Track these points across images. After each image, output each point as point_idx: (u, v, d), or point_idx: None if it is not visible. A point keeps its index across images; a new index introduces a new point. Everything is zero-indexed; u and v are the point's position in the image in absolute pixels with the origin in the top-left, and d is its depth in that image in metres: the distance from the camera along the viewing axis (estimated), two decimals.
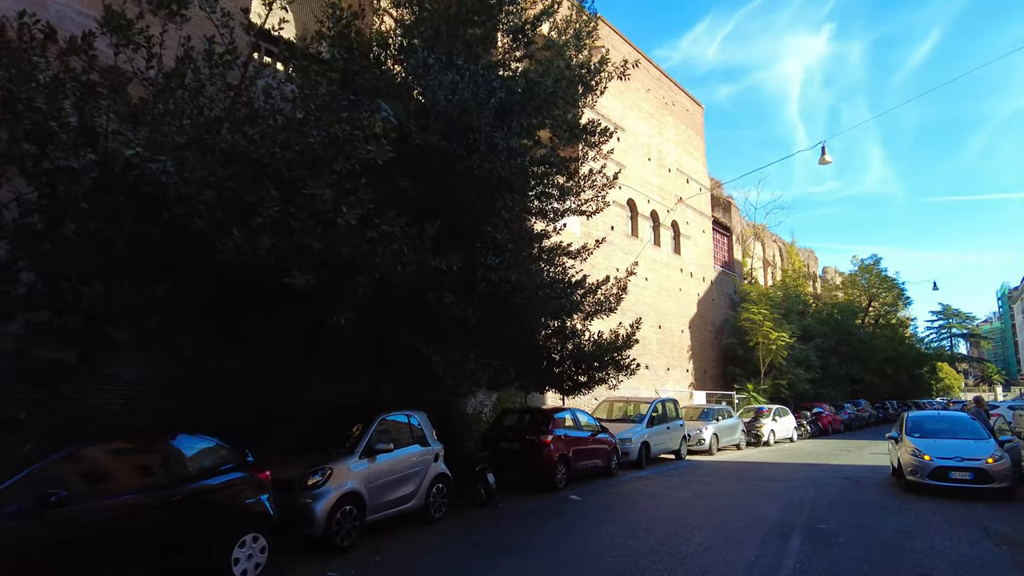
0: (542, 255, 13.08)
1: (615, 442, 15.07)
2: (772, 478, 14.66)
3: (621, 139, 26.23)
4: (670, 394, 27.22)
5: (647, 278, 27.20)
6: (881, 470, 15.51)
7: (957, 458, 11.77)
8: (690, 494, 12.36)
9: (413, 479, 9.07)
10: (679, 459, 18.60)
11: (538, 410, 14.23)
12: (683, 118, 31.87)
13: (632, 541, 8.40)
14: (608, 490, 12.92)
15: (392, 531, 8.76)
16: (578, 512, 10.48)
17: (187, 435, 6.48)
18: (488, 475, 10.65)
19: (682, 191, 30.52)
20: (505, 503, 11.07)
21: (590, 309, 14.27)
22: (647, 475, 15.17)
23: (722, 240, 35.65)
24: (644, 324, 27.12)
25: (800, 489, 12.85)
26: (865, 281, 46.04)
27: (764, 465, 17.68)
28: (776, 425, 24.60)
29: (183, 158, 6.38)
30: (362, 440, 8.35)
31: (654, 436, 17.22)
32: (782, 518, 9.88)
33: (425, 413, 9.83)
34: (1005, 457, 11.86)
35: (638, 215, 27.12)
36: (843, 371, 36.00)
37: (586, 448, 13.77)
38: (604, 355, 13.55)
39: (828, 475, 15.12)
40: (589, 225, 23.64)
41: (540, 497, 11.77)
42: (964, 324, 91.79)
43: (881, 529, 9.15)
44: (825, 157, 22.38)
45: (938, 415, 14.55)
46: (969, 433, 12.76)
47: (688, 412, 22.37)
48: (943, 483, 11.70)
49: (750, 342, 29.78)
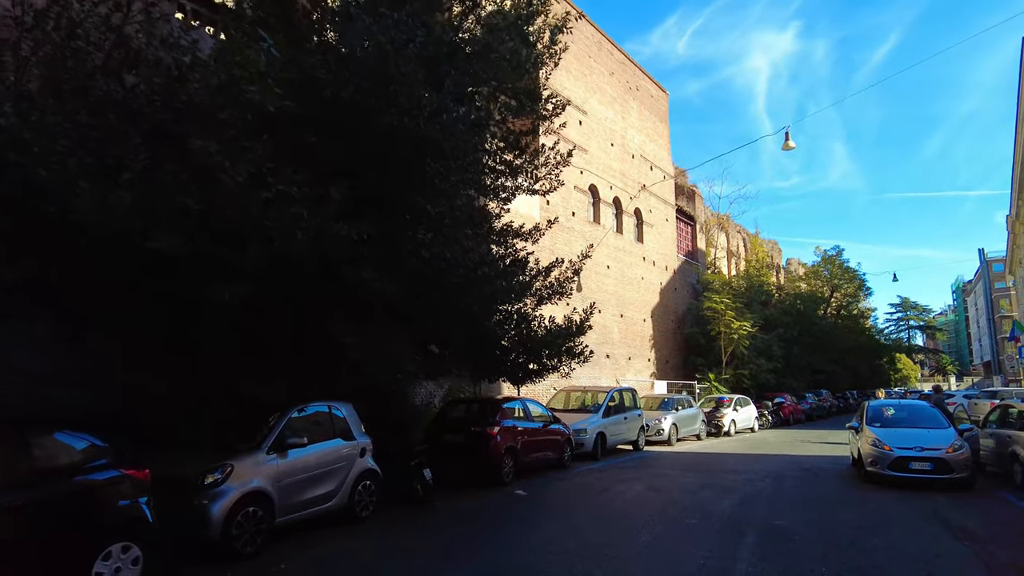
0: (491, 235, 12.26)
1: (569, 433, 14.36)
2: (730, 470, 14.13)
3: (583, 123, 25.56)
4: (631, 384, 26.71)
5: (609, 266, 26.61)
6: (841, 460, 15.12)
7: (917, 448, 11.33)
8: (643, 488, 11.71)
9: (334, 476, 8.19)
10: (637, 450, 18.02)
11: (486, 400, 13.44)
12: (647, 104, 31.27)
13: (573, 542, 7.67)
14: (558, 484, 12.20)
15: (309, 534, 7.88)
16: (521, 509, 9.72)
17: (43, 429, 5.50)
18: (424, 470, 9.82)
19: (646, 178, 29.97)
20: (445, 500, 10.26)
21: (543, 293, 13.51)
22: (602, 467, 14.51)
23: (686, 229, 35.26)
24: (606, 313, 26.61)
25: (758, 482, 12.31)
26: (828, 272, 46.34)
27: (723, 456, 17.19)
28: (737, 415, 24.25)
29: (40, 104, 5.37)
30: (271, 434, 7.44)
31: (610, 426, 16.57)
32: (737, 514, 9.26)
33: (352, 404, 8.94)
34: (965, 446, 11.48)
35: (600, 201, 26.45)
36: (805, 361, 36.03)
37: (537, 440, 13.03)
38: (556, 342, 12.80)
39: (788, 466, 14.65)
40: (549, 210, 22.88)
41: (484, 493, 11.00)
42: (921, 316, 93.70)
43: (839, 525, 8.59)
44: (788, 143, 21.95)
45: (899, 404, 14.17)
46: (930, 422, 12.36)
47: (648, 402, 21.84)
48: (903, 474, 11.25)
49: (712, 331, 29.42)
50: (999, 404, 13.48)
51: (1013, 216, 51.12)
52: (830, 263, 45.56)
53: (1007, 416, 12.66)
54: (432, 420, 12.87)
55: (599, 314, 25.71)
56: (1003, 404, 13.18)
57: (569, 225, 24.08)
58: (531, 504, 10.16)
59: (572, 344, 13.25)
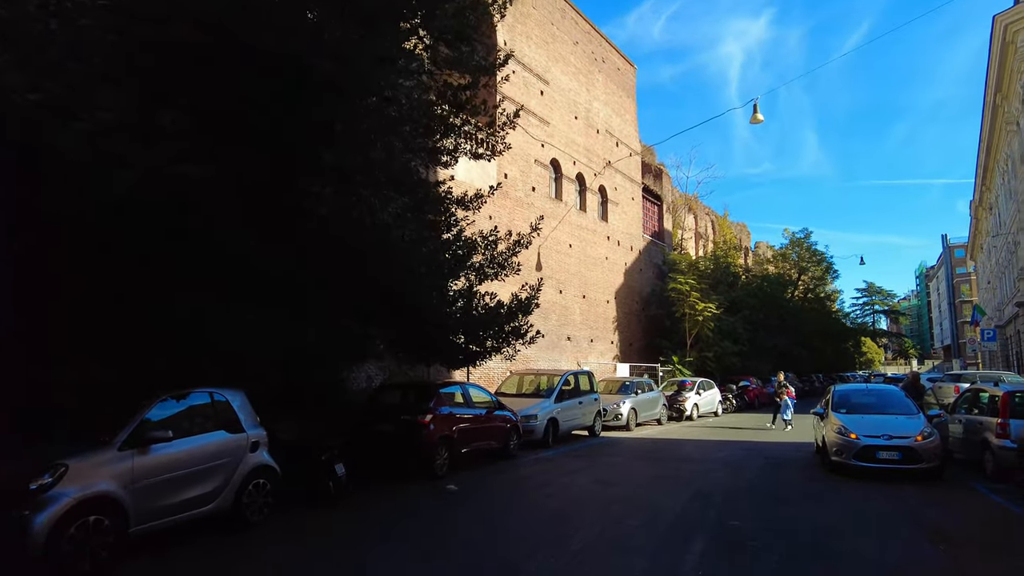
0: (427, 203, 11.00)
1: (516, 419, 13.26)
2: (688, 458, 13.18)
3: (545, 93, 24.28)
4: (593, 367, 25.78)
5: (571, 245, 25.50)
6: (805, 447, 14.31)
7: (885, 436, 10.46)
8: (590, 480, 10.67)
9: (215, 474, 6.94)
10: (593, 436, 17.04)
11: (421, 385, 12.22)
12: (614, 77, 30.05)
13: (492, 549, 6.56)
14: (498, 477, 11.10)
15: (182, 542, 6.64)
16: (447, 509, 8.58)
17: None
18: (336, 466, 8.61)
19: (611, 155, 28.85)
20: (365, 497, 9.09)
21: (487, 270, 12.32)
22: (551, 456, 13.46)
23: (652, 209, 34.30)
24: (568, 293, 25.55)
25: (716, 472, 11.36)
26: (796, 255, 45.93)
27: (682, 443, 16.29)
28: (700, 399, 23.47)
29: None
30: (127, 426, 6.15)
31: (564, 412, 15.53)
32: (689, 512, 8.25)
33: (242, 391, 7.66)
34: (934, 434, 10.66)
35: (563, 177, 25.26)
36: (771, 344, 35.47)
37: (478, 427, 11.89)
38: (499, 322, 11.64)
39: (749, 454, 13.77)
40: (508, 184, 21.63)
41: (412, 488, 9.84)
42: (885, 301, 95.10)
43: (801, 526, 7.61)
44: (757, 115, 21.01)
45: (866, 388, 13.32)
46: (899, 408, 11.52)
47: (608, 385, 20.92)
48: (870, 464, 10.38)
49: (676, 313, 28.57)
50: (969, 388, 12.72)
51: (976, 202, 51.39)
52: (798, 245, 45.15)
53: (977, 401, 11.90)
54: (362, 408, 11.61)
55: (560, 295, 24.72)
56: (973, 388, 12.42)
57: (529, 201, 22.86)
58: (460, 502, 9.03)
59: (517, 324, 12.11)
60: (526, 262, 22.48)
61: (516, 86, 22.46)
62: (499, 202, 21.14)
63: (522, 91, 22.78)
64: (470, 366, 12.80)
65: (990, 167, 39.42)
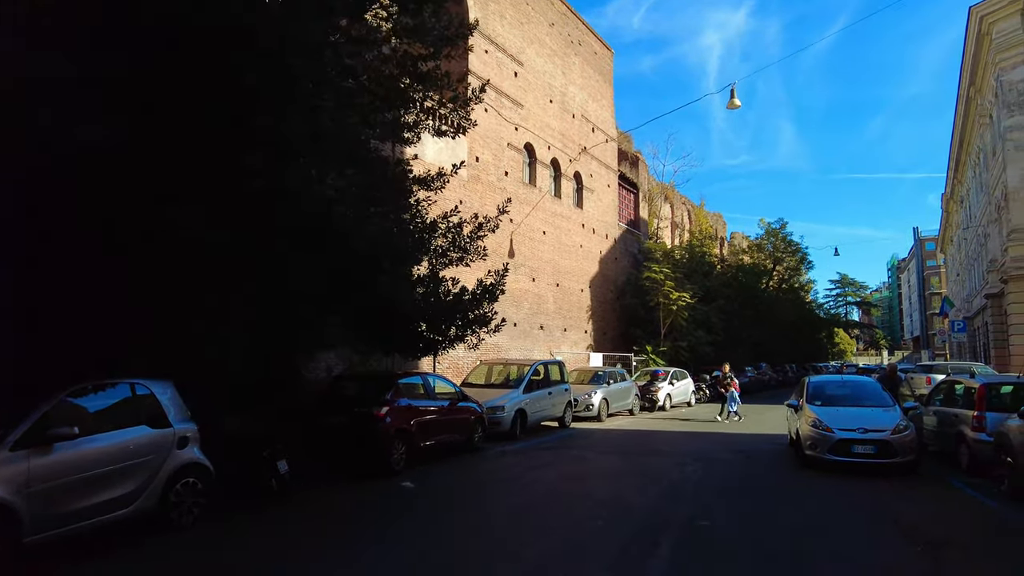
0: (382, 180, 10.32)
1: (481, 411, 12.71)
2: (658, 451, 12.75)
3: (519, 75, 23.58)
4: (566, 356, 25.34)
5: (545, 232, 24.93)
6: (779, 439, 13.97)
7: (860, 429, 10.09)
8: (555, 476, 10.17)
9: (135, 473, 6.25)
10: (563, 428, 16.56)
11: (379, 376, 11.56)
12: (591, 61, 29.43)
13: (438, 558, 5.99)
14: (460, 472, 10.53)
15: (96, 549, 5.96)
16: (397, 510, 7.99)
17: None
18: (279, 462, 7.98)
19: (587, 140, 28.28)
20: (312, 495, 8.47)
21: (451, 255, 11.70)
22: (518, 448, 12.93)
23: (628, 197, 33.86)
24: (541, 281, 25.01)
25: (686, 466, 10.92)
26: (771, 245, 45.89)
27: (654, 435, 15.88)
28: (673, 389, 23.15)
29: None
30: (21, 424, 5.44)
31: (533, 403, 15.01)
32: (656, 511, 7.77)
33: (171, 382, 6.96)
34: (910, 427, 10.31)
35: (537, 162, 24.63)
36: (745, 334, 35.37)
37: (439, 420, 11.31)
38: (462, 309, 11.04)
39: (721, 447, 13.38)
40: (479, 168, 20.96)
41: (365, 485, 9.24)
42: (858, 293, 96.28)
43: (774, 526, 7.18)
44: (734, 100, 20.50)
45: (842, 379, 12.98)
46: (874, 400, 11.17)
47: (580, 375, 20.47)
48: (845, 458, 10.01)
49: (651, 302, 28.19)
50: (944, 380, 12.43)
51: (947, 195, 51.90)
52: (773, 236, 45.07)
53: (952, 393, 11.60)
54: (317, 400, 10.93)
55: (533, 283, 24.16)
56: (949, 380, 12.13)
57: (501, 186, 22.21)
58: (413, 502, 8.44)
59: (483, 312, 11.52)
60: (498, 248, 21.91)
61: (489, 66, 21.76)
62: (470, 186, 20.49)
63: (495, 72, 22.07)
64: (433, 355, 12.20)
65: (962, 160, 39.68)
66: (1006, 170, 25.06)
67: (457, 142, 20.02)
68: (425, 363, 17.87)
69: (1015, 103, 24.95)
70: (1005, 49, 25.12)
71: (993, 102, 27.22)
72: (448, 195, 19.53)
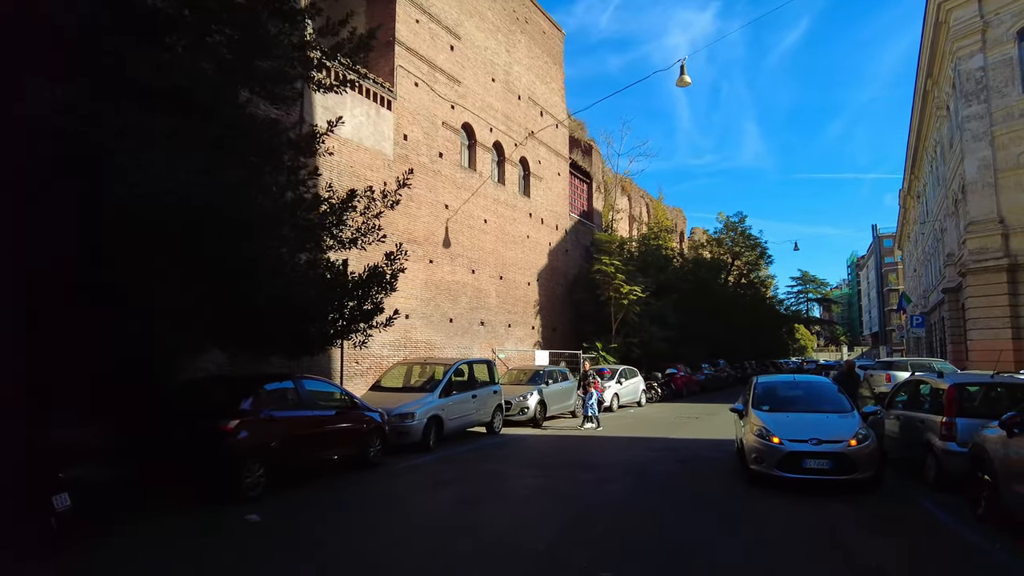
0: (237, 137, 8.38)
1: (381, 420, 10.83)
2: (586, 463, 11.05)
3: (456, 49, 21.68)
4: (512, 354, 23.63)
5: (487, 220, 23.11)
6: (726, 446, 12.40)
7: (813, 440, 8.50)
8: (450, 500, 8.36)
9: None
10: (492, 434, 14.79)
11: (237, 380, 9.47)
12: (539, 41, 27.69)
13: None
14: (333, 497, 8.60)
15: None
16: (212, 558, 6.08)
17: None
18: (57, 497, 6.00)
19: (535, 125, 26.51)
20: (106, 540, 6.51)
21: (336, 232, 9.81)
22: (424, 463, 11.11)
23: (581, 187, 32.24)
24: (482, 274, 23.18)
25: (613, 483, 9.24)
26: (730, 240, 44.87)
27: (589, 441, 14.22)
28: (621, 388, 21.57)
29: None
30: None
31: (452, 408, 13.18)
32: (552, 555, 6.01)
33: None
34: (870, 437, 8.75)
35: (477, 144, 22.78)
36: (703, 330, 34.07)
37: (319, 433, 9.39)
38: (340, 297, 9.15)
39: (661, 456, 11.76)
40: (407, 147, 19.03)
41: (196, 516, 7.32)
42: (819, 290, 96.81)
43: (705, 564, 5.50)
44: (684, 77, 18.95)
45: (793, 380, 11.34)
46: (830, 404, 9.64)
47: (518, 374, 18.74)
48: (795, 475, 8.42)
49: (601, 296, 26.61)
50: (908, 380, 10.97)
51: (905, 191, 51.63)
52: (732, 229, 44.04)
53: (917, 395, 10.15)
54: (155, 410, 8.83)
55: (472, 275, 22.28)
56: (913, 380, 10.67)
57: (435, 168, 20.32)
58: (244, 544, 6.52)
59: (372, 303, 9.66)
60: (431, 237, 20.01)
61: (420, 38, 19.85)
62: (397, 167, 18.55)
63: (427, 44, 20.17)
64: (308, 355, 10.27)
65: (919, 155, 39.19)
66: (964, 161, 24.13)
67: (381, 117, 18.11)
68: (336, 363, 15.92)
69: (972, 92, 24.00)
70: (963, 36, 24.17)
71: (951, 93, 26.36)
72: (371, 176, 17.61)
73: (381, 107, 18.16)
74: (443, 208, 20.68)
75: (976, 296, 23.02)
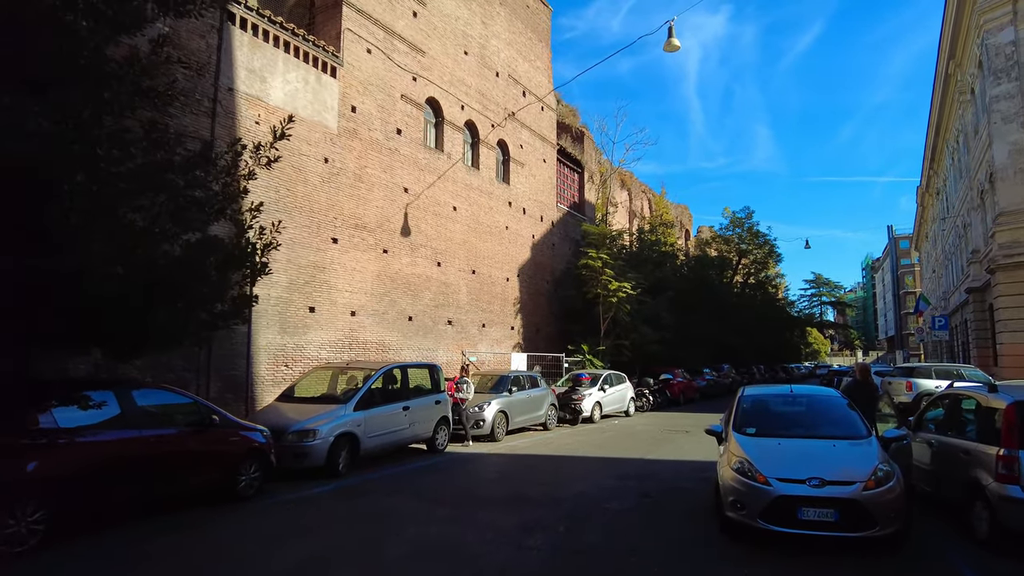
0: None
1: (255, 439, 8.45)
2: (521, 497, 8.56)
3: (419, 15, 19.29)
4: (486, 357, 21.18)
5: (456, 207, 20.71)
6: (710, 469, 9.88)
7: (813, 480, 5.98)
8: (295, 560, 5.94)
9: None
10: (433, 452, 12.38)
11: (12, 388, 7.12)
12: (522, 15, 25.30)
13: None
14: (140, 547, 6.24)
15: None
16: None
17: None
18: None
19: (516, 105, 24.08)
20: None
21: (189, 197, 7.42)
22: (322, 493, 8.71)
23: (571, 176, 29.76)
24: (449, 267, 20.69)
25: (536, 535, 6.76)
26: (737, 236, 42.17)
27: (545, 463, 11.75)
28: (605, 397, 19.05)
29: None
30: None
31: (374, 421, 10.75)
32: None
33: None
34: (895, 475, 6.16)
35: (445, 122, 20.39)
36: (705, 332, 31.38)
37: (151, 457, 6.99)
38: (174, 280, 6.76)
39: (622, 487, 9.28)
40: (355, 120, 16.66)
41: None
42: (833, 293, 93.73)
43: None
44: (672, 40, 16.49)
45: (790, 392, 8.58)
46: (838, 427, 7.11)
47: (483, 381, 16.29)
48: (787, 529, 5.92)
49: (587, 294, 24.11)
50: (945, 393, 8.37)
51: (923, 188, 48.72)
52: (738, 226, 41.32)
53: (958, 414, 7.62)
54: None
55: (437, 268, 19.81)
56: (952, 393, 8.09)
57: (392, 146, 17.96)
58: None
59: (222, 286, 7.27)
60: (386, 223, 17.66)
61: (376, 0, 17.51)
62: (343, 142, 16.22)
63: (384, 7, 17.84)
64: (135, 358, 7.87)
65: (939, 148, 36.59)
66: (991, 146, 21.52)
67: (323, 85, 15.77)
68: (257, 368, 13.58)
69: (1002, 69, 21.38)
70: (991, 8, 21.57)
71: (976, 73, 23.76)
72: (307, 150, 15.29)
73: (323, 73, 15.83)
74: (402, 191, 18.31)
75: (1007, 295, 20.41)
